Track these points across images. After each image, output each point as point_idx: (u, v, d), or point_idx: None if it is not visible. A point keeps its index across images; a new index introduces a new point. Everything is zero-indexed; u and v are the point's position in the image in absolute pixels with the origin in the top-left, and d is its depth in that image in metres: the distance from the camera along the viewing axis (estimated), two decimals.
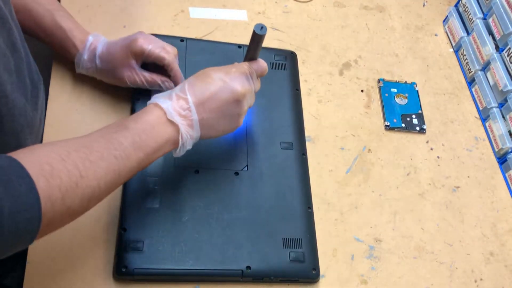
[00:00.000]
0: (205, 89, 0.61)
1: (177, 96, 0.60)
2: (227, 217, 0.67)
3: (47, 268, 0.61)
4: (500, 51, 0.85)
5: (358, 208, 0.75)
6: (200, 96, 0.60)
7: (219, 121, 0.62)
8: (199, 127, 0.60)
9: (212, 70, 0.63)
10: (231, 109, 0.62)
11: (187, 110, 0.59)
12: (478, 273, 0.73)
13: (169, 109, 0.58)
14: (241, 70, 0.63)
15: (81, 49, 0.70)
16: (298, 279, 0.66)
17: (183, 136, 0.59)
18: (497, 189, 0.81)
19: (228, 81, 0.61)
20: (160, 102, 0.59)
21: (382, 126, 0.84)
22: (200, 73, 0.63)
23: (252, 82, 0.65)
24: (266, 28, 0.62)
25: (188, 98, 0.60)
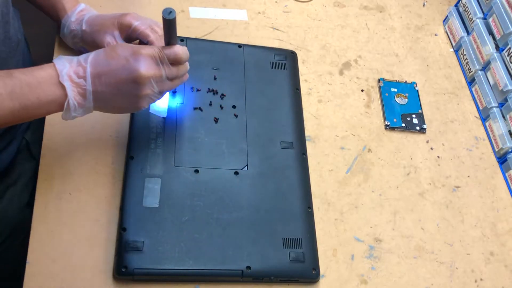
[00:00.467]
0: (107, 63, 0.59)
1: (78, 62, 0.59)
2: (227, 217, 0.67)
3: (47, 268, 0.61)
4: (500, 51, 0.85)
5: (358, 208, 0.75)
6: (99, 69, 0.59)
7: (114, 97, 0.60)
8: (92, 98, 0.59)
9: (120, 46, 0.61)
10: (129, 89, 0.60)
11: (81, 79, 0.58)
12: (478, 273, 0.73)
13: (63, 72, 0.58)
14: (150, 52, 0.60)
15: (69, 12, 0.73)
16: (298, 279, 0.66)
17: (70, 102, 0.58)
18: (497, 189, 0.81)
19: (132, 61, 0.59)
20: (57, 63, 0.59)
21: (382, 126, 0.84)
22: (110, 46, 0.62)
23: (162, 67, 0.61)
24: (174, 12, 0.60)
25: (87, 67, 0.59)
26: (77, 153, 0.70)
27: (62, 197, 0.66)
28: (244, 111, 0.76)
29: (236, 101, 0.77)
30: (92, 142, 0.71)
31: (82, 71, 0.58)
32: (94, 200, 0.67)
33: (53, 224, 0.64)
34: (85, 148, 0.70)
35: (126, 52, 0.60)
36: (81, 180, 0.68)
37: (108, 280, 0.62)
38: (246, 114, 0.76)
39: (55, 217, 0.65)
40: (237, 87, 0.79)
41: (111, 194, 0.68)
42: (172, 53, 0.62)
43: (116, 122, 0.73)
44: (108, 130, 0.72)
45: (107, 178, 0.69)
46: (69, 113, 0.59)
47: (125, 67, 0.59)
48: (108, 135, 0.72)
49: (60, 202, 0.66)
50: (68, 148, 0.70)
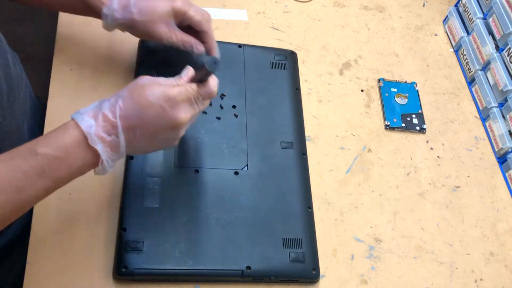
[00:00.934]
0: (140, 115, 0.53)
1: (105, 117, 0.52)
2: (227, 217, 0.67)
3: (47, 268, 0.61)
4: (500, 51, 0.85)
5: (358, 208, 0.75)
6: (132, 122, 0.53)
7: (150, 144, 0.57)
8: (125, 150, 0.54)
9: (150, 89, 0.54)
10: (167, 135, 0.56)
11: (113, 136, 0.53)
12: (478, 273, 0.73)
13: (92, 133, 0.52)
14: (186, 95, 0.55)
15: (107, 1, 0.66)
16: (298, 279, 0.66)
17: (104, 163, 0.53)
18: (497, 189, 0.81)
19: (168, 109, 0.54)
20: (81, 122, 0.52)
21: (382, 126, 0.84)
22: (136, 90, 0.54)
23: (197, 106, 0.57)
24: (219, 63, 0.56)
25: (118, 122, 0.52)
26: None
27: (62, 197, 0.66)
28: (244, 111, 0.76)
29: (236, 101, 0.77)
30: None
31: (113, 128, 0.52)
32: (94, 200, 0.67)
33: (53, 224, 0.64)
34: None
35: (159, 99, 0.53)
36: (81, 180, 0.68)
37: (108, 280, 0.62)
38: (246, 114, 0.76)
39: (55, 217, 0.65)
40: (237, 87, 0.79)
41: (111, 194, 0.68)
42: (207, 92, 0.58)
43: None
44: None
45: (107, 178, 0.69)
46: (104, 171, 0.55)
47: (161, 116, 0.54)
48: None
49: (60, 202, 0.66)
50: None
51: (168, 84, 0.56)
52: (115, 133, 0.53)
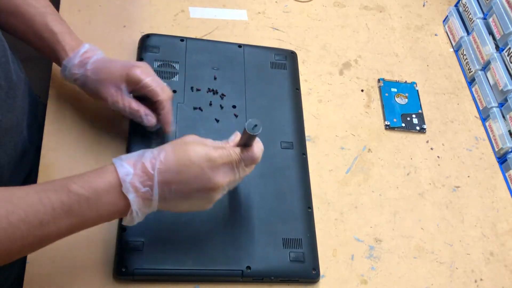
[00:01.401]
0: (179, 172, 0.53)
1: (143, 168, 0.52)
2: (227, 217, 0.67)
3: (47, 268, 0.61)
4: (500, 51, 0.85)
5: (358, 208, 0.75)
6: (169, 177, 0.53)
7: (183, 203, 0.56)
8: (157, 205, 0.54)
9: (192, 149, 0.54)
10: (201, 197, 0.55)
11: (147, 187, 0.52)
12: (478, 273, 0.73)
13: (127, 181, 0.51)
14: (227, 158, 0.55)
15: (71, 54, 0.66)
16: (298, 279, 0.66)
17: (133, 213, 0.53)
18: (497, 189, 0.81)
19: (208, 171, 0.53)
20: (119, 168, 0.52)
21: (382, 126, 0.84)
22: (180, 147, 0.54)
23: (238, 172, 0.57)
24: (260, 127, 0.54)
25: (155, 176, 0.52)
26: (77, 153, 0.70)
27: None
28: (244, 111, 0.76)
29: (236, 101, 0.77)
30: (92, 142, 0.71)
31: (149, 180, 0.52)
32: None
33: None
34: (85, 148, 0.70)
35: (200, 159, 0.53)
36: None
37: (108, 280, 0.62)
38: (246, 114, 0.76)
39: None
40: (237, 87, 0.79)
41: None
42: (250, 157, 0.57)
43: (116, 122, 0.73)
44: (108, 129, 0.72)
45: None
46: (131, 222, 0.54)
47: (199, 177, 0.53)
48: (108, 135, 0.72)
49: None
50: (68, 148, 0.70)
51: (212, 146, 0.55)
52: (150, 186, 0.52)
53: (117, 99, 0.65)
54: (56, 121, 0.72)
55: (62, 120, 0.72)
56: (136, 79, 0.64)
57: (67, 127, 0.72)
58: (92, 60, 0.66)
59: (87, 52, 0.67)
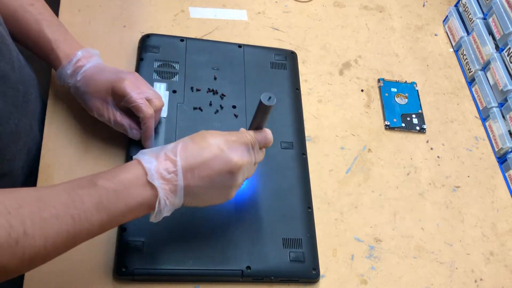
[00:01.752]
0: (199, 154, 0.55)
1: (166, 156, 0.54)
2: (227, 217, 0.67)
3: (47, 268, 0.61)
4: (500, 51, 0.85)
5: (358, 208, 0.75)
6: (191, 161, 0.54)
7: (207, 191, 0.56)
8: (183, 194, 0.55)
9: (210, 134, 0.57)
10: (223, 181, 0.56)
11: (172, 174, 0.53)
12: (478, 273, 0.73)
13: (152, 169, 0.53)
14: (243, 139, 0.58)
15: (64, 63, 0.67)
16: (298, 279, 0.66)
17: (161, 202, 0.53)
18: (497, 189, 0.81)
19: (226, 150, 0.56)
20: (144, 160, 0.53)
21: (382, 126, 0.84)
22: (197, 135, 0.57)
23: (253, 153, 0.59)
24: (274, 98, 0.57)
25: (178, 160, 0.54)
26: (77, 153, 0.70)
27: None
28: (244, 111, 0.77)
29: (236, 101, 0.77)
30: (92, 142, 0.71)
31: (172, 166, 0.54)
32: None
33: None
34: (85, 148, 0.70)
35: (218, 140, 0.56)
36: None
37: (108, 280, 0.62)
38: (246, 114, 0.76)
39: None
40: (237, 87, 0.79)
41: None
42: (263, 139, 0.60)
43: None
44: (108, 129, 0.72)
45: None
46: (160, 214, 0.54)
47: (219, 157, 0.55)
48: (108, 135, 0.72)
49: None
50: (68, 148, 0.70)
51: (229, 132, 0.58)
52: (174, 172, 0.53)
53: (102, 112, 0.66)
54: (56, 121, 0.72)
55: (62, 120, 0.72)
56: (121, 93, 0.65)
57: (67, 127, 0.72)
58: (83, 70, 0.67)
59: (80, 60, 0.67)
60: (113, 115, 0.66)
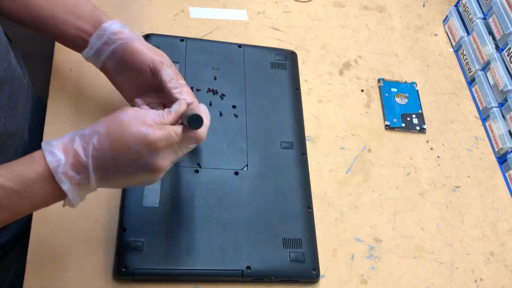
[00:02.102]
0: (114, 158, 0.49)
1: (75, 155, 0.48)
2: (227, 217, 0.67)
3: (47, 268, 0.61)
4: (500, 51, 0.85)
5: (358, 208, 0.75)
6: (104, 163, 0.49)
7: (124, 183, 0.54)
8: (95, 188, 0.51)
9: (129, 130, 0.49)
10: (141, 178, 0.52)
11: (82, 174, 0.48)
12: (478, 273, 0.73)
13: (59, 172, 0.48)
14: (168, 141, 0.51)
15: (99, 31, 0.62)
16: (298, 279, 0.66)
17: (71, 200, 0.50)
18: (497, 189, 0.81)
19: (147, 157, 0.49)
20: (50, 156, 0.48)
21: (382, 126, 0.84)
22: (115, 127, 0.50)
23: (179, 151, 0.53)
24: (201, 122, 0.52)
25: (89, 164, 0.48)
26: None
27: None
28: (244, 111, 0.77)
29: (236, 101, 0.77)
30: None
31: (83, 168, 0.49)
32: (94, 200, 0.67)
33: (53, 224, 0.64)
34: None
35: (137, 143, 0.49)
36: None
37: (108, 280, 0.62)
38: (246, 114, 0.76)
39: (55, 217, 0.65)
40: (237, 87, 0.79)
41: (111, 194, 0.67)
42: (193, 138, 0.54)
43: None
44: None
45: None
46: (71, 205, 0.51)
47: (137, 162, 0.50)
48: None
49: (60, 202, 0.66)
50: None
51: (150, 125, 0.51)
52: (85, 173, 0.49)
53: None
54: (56, 121, 0.72)
55: (62, 120, 0.72)
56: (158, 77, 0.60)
57: (67, 127, 0.71)
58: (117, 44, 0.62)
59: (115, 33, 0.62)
60: None
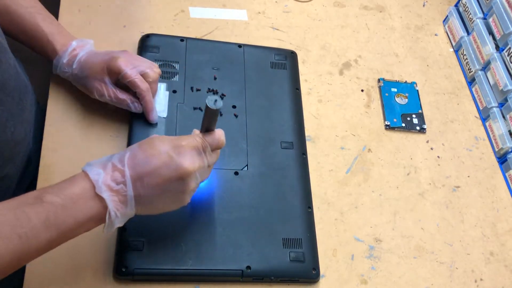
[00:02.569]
0: (147, 162, 0.53)
1: (113, 166, 0.53)
2: (227, 217, 0.67)
3: (47, 268, 0.61)
4: (500, 51, 0.85)
5: (358, 208, 0.75)
6: (139, 170, 0.53)
7: (159, 198, 0.55)
8: (134, 204, 0.53)
9: (159, 140, 0.55)
10: (175, 187, 0.55)
11: (121, 184, 0.52)
12: (478, 273, 0.73)
13: (99, 182, 0.51)
14: (193, 144, 0.56)
15: (61, 53, 0.69)
16: (298, 279, 0.66)
17: (111, 214, 0.52)
18: (497, 189, 0.81)
19: (175, 156, 0.54)
20: (90, 172, 0.52)
21: (382, 126, 0.84)
22: (145, 142, 0.56)
23: (205, 157, 0.57)
24: (220, 102, 0.55)
25: (126, 170, 0.52)
26: (77, 153, 0.70)
27: None
28: (244, 111, 0.77)
29: (236, 101, 0.77)
30: (92, 142, 0.71)
31: (120, 176, 0.52)
32: None
33: None
34: (85, 148, 0.70)
35: (167, 147, 0.54)
36: None
37: (108, 280, 0.62)
38: (246, 114, 0.76)
39: None
40: (237, 87, 0.79)
41: None
42: (215, 141, 0.58)
43: (116, 122, 0.73)
44: (108, 130, 0.72)
45: None
46: (111, 226, 0.53)
47: (168, 164, 0.53)
48: (108, 135, 0.72)
49: None
50: (68, 148, 0.70)
51: (177, 137, 0.57)
52: (123, 182, 0.52)
53: (102, 92, 0.68)
54: (56, 122, 0.72)
55: (62, 121, 0.72)
56: (116, 70, 0.67)
57: (67, 128, 0.72)
58: (77, 58, 0.69)
59: (75, 49, 0.70)
60: (113, 93, 0.68)
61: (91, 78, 0.68)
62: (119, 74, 0.67)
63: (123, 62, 0.67)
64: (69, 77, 0.71)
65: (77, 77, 0.70)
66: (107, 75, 0.67)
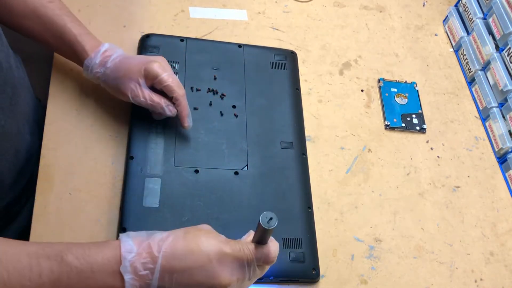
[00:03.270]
0: (184, 258, 0.49)
1: (149, 248, 0.49)
2: (227, 217, 0.67)
3: None
4: (500, 51, 0.85)
5: (358, 208, 0.75)
6: (173, 263, 0.49)
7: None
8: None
9: (206, 236, 0.51)
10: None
11: (148, 271, 0.49)
12: (478, 273, 0.73)
13: (127, 260, 0.48)
14: (238, 254, 0.51)
15: (92, 54, 0.68)
16: (298, 279, 0.66)
17: None
18: (497, 189, 0.81)
19: (215, 263, 0.50)
20: (124, 245, 0.49)
21: (382, 126, 0.84)
22: (193, 231, 0.52)
23: (247, 271, 0.52)
24: (275, 221, 0.50)
25: (159, 258, 0.49)
26: (77, 153, 0.70)
27: (62, 197, 0.66)
28: (244, 111, 0.77)
29: (236, 101, 0.77)
30: (92, 142, 0.71)
31: (152, 262, 0.49)
32: (94, 200, 0.67)
33: (53, 224, 0.64)
34: (85, 148, 0.70)
35: (211, 248, 0.50)
36: (81, 180, 0.68)
37: None
38: (246, 114, 0.76)
39: (55, 217, 0.65)
40: (237, 87, 0.79)
41: (111, 194, 0.68)
42: (264, 256, 0.53)
43: (116, 122, 0.73)
44: (108, 130, 0.72)
45: (107, 178, 0.69)
46: None
47: (205, 268, 0.49)
48: (108, 135, 0.72)
49: (60, 202, 0.66)
50: (68, 148, 0.70)
51: (225, 240, 0.52)
52: (151, 269, 0.49)
53: (137, 93, 0.67)
54: (56, 121, 0.72)
55: (62, 120, 0.72)
56: (153, 74, 0.66)
57: (67, 127, 0.72)
58: (111, 58, 0.68)
59: (107, 51, 0.69)
60: (148, 95, 0.67)
61: (127, 79, 0.67)
62: (156, 78, 0.66)
63: (160, 67, 0.67)
64: (101, 77, 0.69)
65: (109, 77, 0.68)
66: (143, 78, 0.67)
